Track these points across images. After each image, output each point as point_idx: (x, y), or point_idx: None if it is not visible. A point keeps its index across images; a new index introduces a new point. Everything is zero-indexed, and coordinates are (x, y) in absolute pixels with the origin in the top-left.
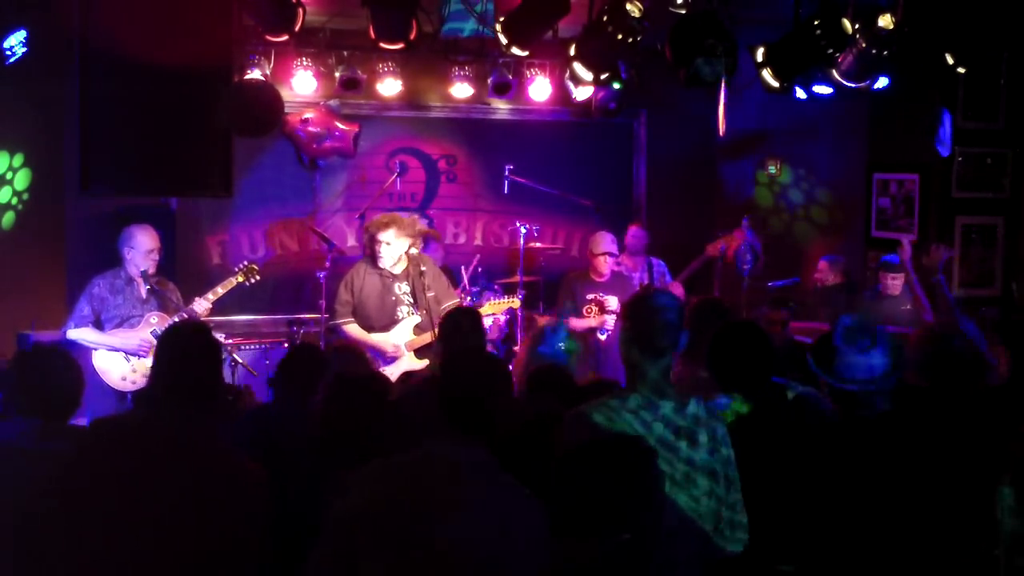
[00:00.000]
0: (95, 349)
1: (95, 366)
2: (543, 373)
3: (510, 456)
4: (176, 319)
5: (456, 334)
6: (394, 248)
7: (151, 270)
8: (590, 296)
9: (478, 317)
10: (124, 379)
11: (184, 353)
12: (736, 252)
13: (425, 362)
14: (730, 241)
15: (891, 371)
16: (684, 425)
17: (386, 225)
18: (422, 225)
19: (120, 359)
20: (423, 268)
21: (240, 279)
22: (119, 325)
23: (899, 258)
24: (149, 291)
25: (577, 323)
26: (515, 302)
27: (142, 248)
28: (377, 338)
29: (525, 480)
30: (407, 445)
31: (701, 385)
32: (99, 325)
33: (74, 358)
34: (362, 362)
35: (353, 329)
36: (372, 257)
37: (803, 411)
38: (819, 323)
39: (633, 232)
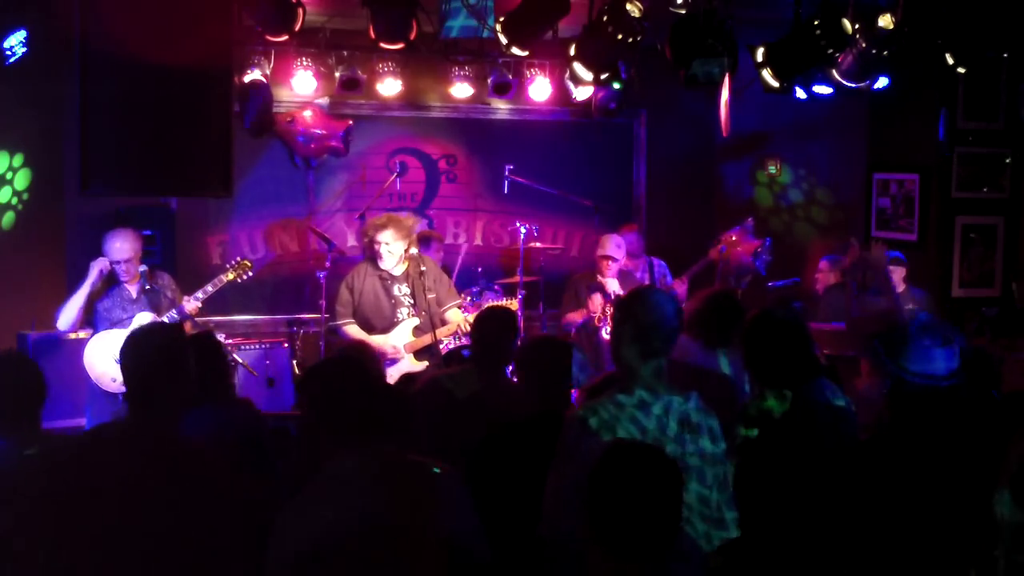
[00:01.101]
0: (88, 342)
1: (87, 369)
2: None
3: (509, 453)
4: (166, 318)
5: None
6: (393, 248)
7: (123, 279)
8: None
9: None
10: (115, 381)
11: (142, 357)
12: (756, 252)
13: (425, 364)
14: (731, 244)
15: (956, 373)
16: (687, 418)
17: (383, 226)
18: (420, 225)
19: (111, 361)
20: (423, 269)
21: (231, 276)
22: (112, 327)
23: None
24: (143, 291)
25: (576, 316)
26: (514, 305)
27: (110, 258)
28: (376, 340)
29: (525, 478)
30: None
31: (714, 380)
32: (93, 328)
33: (29, 360)
34: (371, 362)
35: (353, 330)
36: (373, 258)
37: (841, 416)
38: (819, 324)
39: (627, 237)
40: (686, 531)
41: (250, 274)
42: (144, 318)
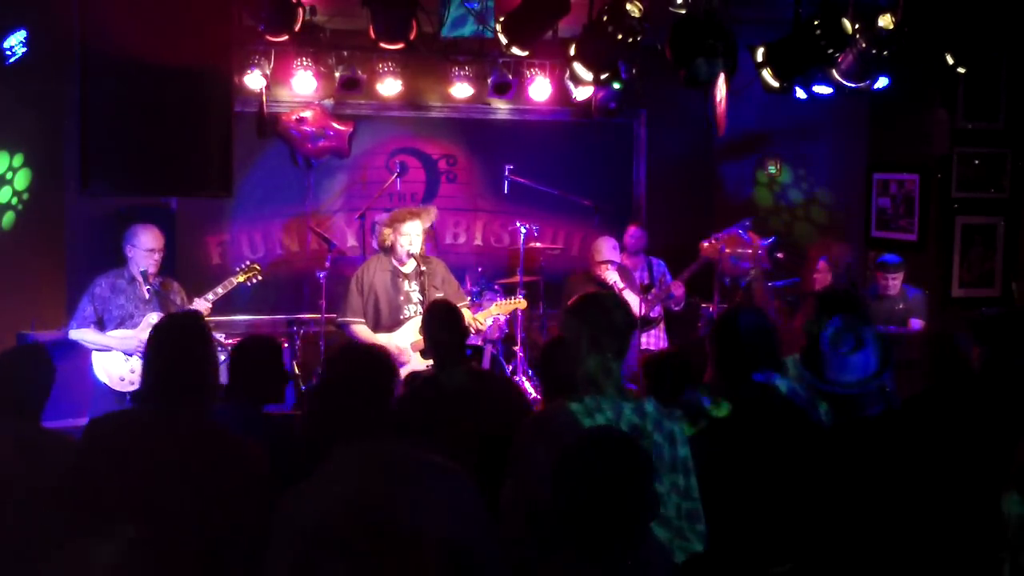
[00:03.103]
0: (95, 350)
1: (94, 367)
2: None
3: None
4: None
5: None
6: (419, 240)
7: (152, 270)
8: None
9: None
10: (123, 380)
11: (172, 344)
12: (760, 255)
13: (431, 362)
14: (731, 244)
15: (879, 371)
16: (644, 424)
17: (415, 215)
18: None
19: (119, 360)
20: (423, 269)
21: (241, 279)
22: (120, 324)
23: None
24: (154, 292)
25: None
26: (522, 303)
27: (143, 247)
28: (382, 339)
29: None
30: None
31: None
32: (100, 325)
33: (46, 356)
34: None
35: (361, 330)
36: (387, 253)
37: (791, 411)
38: None
39: (631, 232)
40: (654, 537)
41: (259, 278)
42: (154, 319)
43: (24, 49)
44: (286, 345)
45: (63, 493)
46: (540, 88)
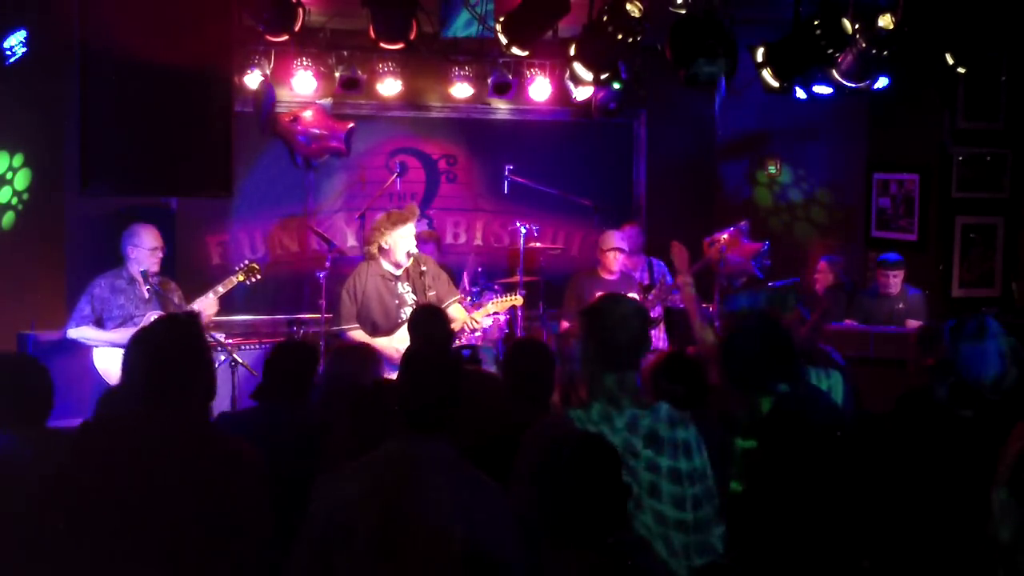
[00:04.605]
0: (96, 347)
1: (96, 366)
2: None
3: (488, 459)
4: None
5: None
6: (412, 240)
7: (154, 268)
8: (600, 295)
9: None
10: None
11: (158, 347)
12: (756, 256)
13: None
14: (728, 244)
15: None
16: (654, 433)
17: (412, 216)
18: (420, 226)
19: (121, 358)
20: (423, 268)
21: (241, 278)
22: (121, 325)
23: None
24: (153, 292)
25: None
26: (518, 299)
27: (146, 246)
28: (381, 343)
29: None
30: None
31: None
32: (101, 325)
33: (41, 363)
34: (363, 362)
35: (357, 335)
36: (375, 258)
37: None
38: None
39: (628, 232)
40: (656, 551)
41: (259, 277)
42: (155, 317)
43: (24, 49)
44: None
45: (52, 499)
46: (540, 88)
